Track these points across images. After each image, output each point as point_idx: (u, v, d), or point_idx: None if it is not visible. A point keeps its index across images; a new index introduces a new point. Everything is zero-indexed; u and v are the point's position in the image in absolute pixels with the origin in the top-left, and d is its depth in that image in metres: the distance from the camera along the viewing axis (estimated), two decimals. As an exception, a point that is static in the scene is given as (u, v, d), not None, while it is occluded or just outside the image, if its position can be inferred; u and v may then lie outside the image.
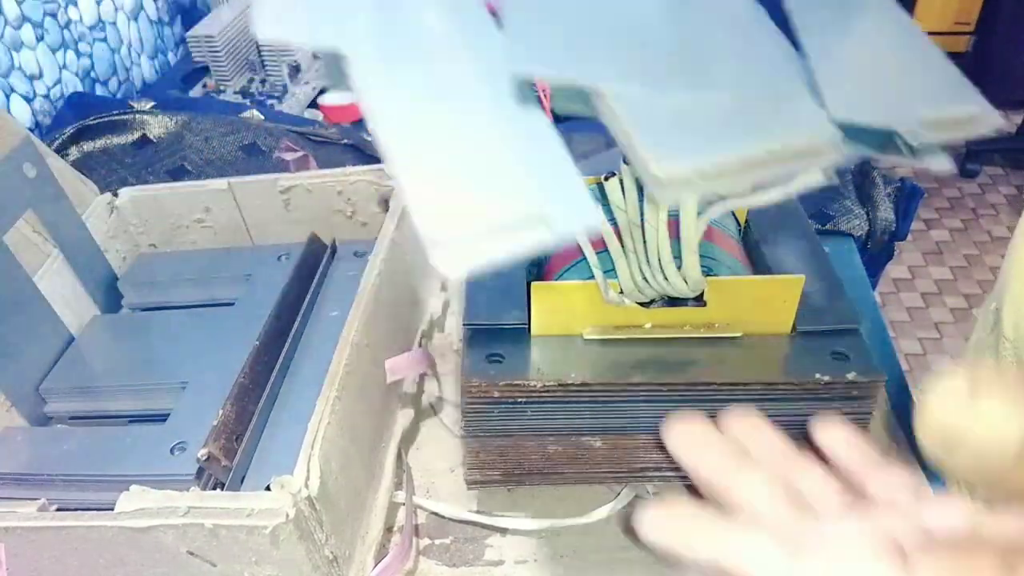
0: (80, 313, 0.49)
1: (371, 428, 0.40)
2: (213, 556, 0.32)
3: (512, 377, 0.35)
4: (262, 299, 0.46)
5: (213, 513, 0.31)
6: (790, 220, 0.43)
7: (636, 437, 0.37)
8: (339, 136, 0.71)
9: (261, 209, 0.53)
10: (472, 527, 0.41)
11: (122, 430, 0.42)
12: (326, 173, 0.52)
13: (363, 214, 0.53)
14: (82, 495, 0.37)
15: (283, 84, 0.83)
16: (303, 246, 0.50)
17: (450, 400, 0.48)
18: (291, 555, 0.32)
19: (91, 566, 0.33)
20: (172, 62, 0.98)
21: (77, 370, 0.46)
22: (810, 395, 0.35)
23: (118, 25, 0.87)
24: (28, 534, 0.32)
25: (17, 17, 0.71)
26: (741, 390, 0.35)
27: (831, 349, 0.36)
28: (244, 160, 0.70)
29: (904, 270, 1.64)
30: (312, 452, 0.33)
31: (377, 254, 0.44)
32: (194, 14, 1.01)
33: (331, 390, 0.36)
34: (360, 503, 0.38)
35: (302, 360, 0.44)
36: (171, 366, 0.44)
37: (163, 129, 0.71)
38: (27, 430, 0.43)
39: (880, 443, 0.43)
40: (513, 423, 0.36)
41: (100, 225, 0.52)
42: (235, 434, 0.38)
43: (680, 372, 0.35)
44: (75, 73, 0.80)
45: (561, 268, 0.39)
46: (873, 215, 0.60)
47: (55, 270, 0.47)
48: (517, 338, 0.37)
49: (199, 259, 0.53)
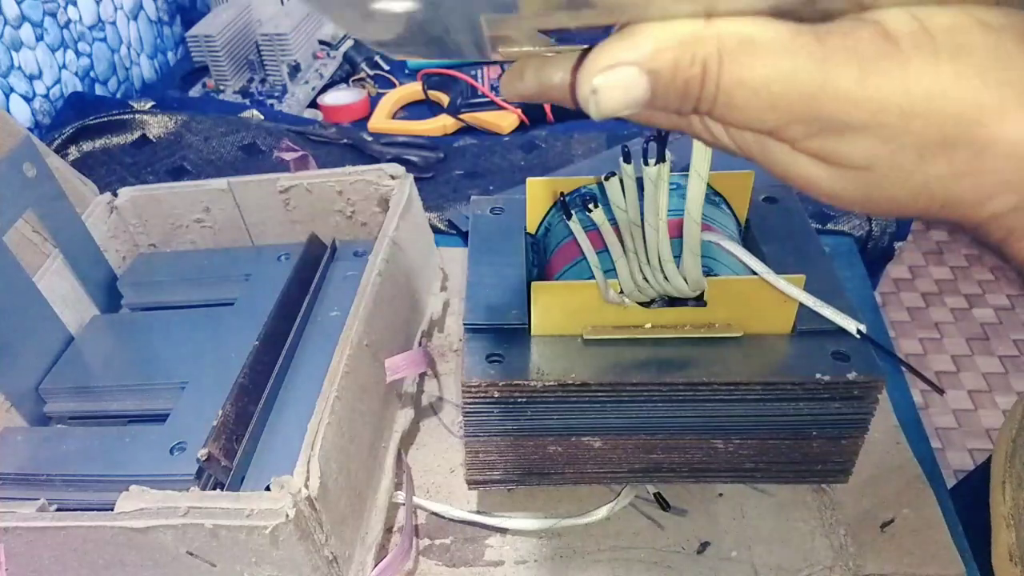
0: (80, 313, 0.49)
1: (371, 428, 0.40)
2: (213, 556, 0.32)
3: (512, 377, 0.35)
4: (262, 299, 0.46)
5: (213, 513, 0.31)
6: (790, 220, 0.43)
7: (636, 437, 0.37)
8: (339, 136, 0.71)
9: (261, 209, 0.53)
10: (472, 527, 0.41)
11: (122, 430, 0.42)
12: (326, 173, 0.52)
13: (363, 214, 0.53)
14: (82, 495, 0.37)
15: (283, 84, 0.83)
16: (303, 246, 0.50)
17: (450, 400, 0.48)
18: (291, 555, 0.32)
19: (91, 566, 0.33)
20: (172, 62, 0.98)
21: (77, 370, 0.45)
22: (810, 395, 0.35)
23: (118, 25, 0.87)
24: (28, 534, 0.32)
25: (17, 17, 0.71)
26: (741, 390, 0.35)
27: (831, 349, 0.36)
28: (244, 160, 0.70)
29: (904, 270, 1.64)
30: (312, 452, 0.33)
31: (377, 254, 0.44)
32: (194, 14, 1.01)
33: (331, 390, 0.36)
34: (360, 503, 0.38)
35: (302, 360, 0.44)
36: (171, 366, 0.44)
37: (163, 129, 0.71)
38: (27, 430, 0.43)
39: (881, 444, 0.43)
40: (513, 423, 0.36)
41: (100, 225, 0.52)
42: (235, 434, 0.38)
43: (680, 372, 0.35)
44: (75, 73, 0.80)
45: (561, 268, 0.39)
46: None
47: (55, 270, 0.47)
48: (517, 338, 0.37)
49: (199, 259, 0.53)
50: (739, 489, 0.42)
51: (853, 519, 0.40)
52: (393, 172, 0.51)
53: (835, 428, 0.36)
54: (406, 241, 0.47)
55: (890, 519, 0.40)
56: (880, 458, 0.42)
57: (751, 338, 0.37)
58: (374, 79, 0.84)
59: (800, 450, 0.37)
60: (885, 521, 0.40)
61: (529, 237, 0.43)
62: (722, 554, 0.39)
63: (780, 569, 0.38)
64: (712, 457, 0.38)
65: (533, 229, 0.44)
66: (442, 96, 0.78)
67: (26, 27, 0.72)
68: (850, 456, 0.38)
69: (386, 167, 0.51)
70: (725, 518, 0.41)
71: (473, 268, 0.40)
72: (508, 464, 0.38)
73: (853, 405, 0.35)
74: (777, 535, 0.40)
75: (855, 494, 0.41)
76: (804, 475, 0.39)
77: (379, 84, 0.84)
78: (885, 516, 0.40)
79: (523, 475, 0.39)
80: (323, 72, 0.85)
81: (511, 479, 0.39)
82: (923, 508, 0.40)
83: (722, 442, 0.37)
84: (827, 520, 0.40)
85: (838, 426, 0.36)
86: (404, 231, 0.47)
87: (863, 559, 0.38)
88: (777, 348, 0.36)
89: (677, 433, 0.37)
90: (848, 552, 0.39)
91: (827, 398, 0.35)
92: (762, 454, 0.37)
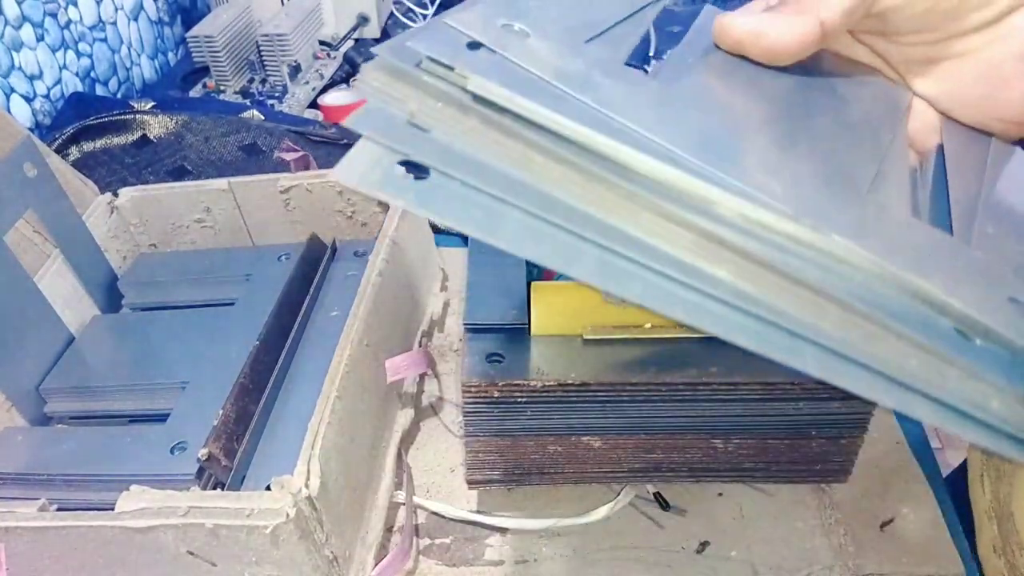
0: (80, 313, 0.49)
1: (371, 428, 0.40)
2: (213, 556, 0.32)
3: (512, 377, 0.35)
4: (262, 299, 0.46)
5: (213, 513, 0.31)
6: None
7: (636, 437, 0.37)
8: (339, 136, 0.71)
9: (261, 209, 0.53)
10: (472, 527, 0.41)
11: (122, 430, 0.42)
12: (326, 173, 0.52)
13: (363, 214, 0.53)
14: (82, 495, 0.37)
15: (283, 84, 0.83)
16: (303, 246, 0.50)
17: (450, 400, 0.48)
18: (291, 555, 0.32)
19: (91, 566, 0.33)
20: (172, 62, 0.98)
21: (77, 370, 0.46)
22: (810, 395, 0.35)
23: (118, 25, 0.87)
24: (28, 534, 0.32)
25: (17, 17, 0.71)
26: (741, 390, 0.35)
27: (831, 349, 0.36)
28: (244, 160, 0.70)
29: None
30: (312, 452, 0.33)
31: (377, 254, 0.44)
32: (194, 14, 1.01)
33: (331, 390, 0.36)
34: (360, 503, 0.38)
35: (302, 360, 0.44)
36: (171, 366, 0.44)
37: (163, 129, 0.71)
38: (27, 430, 0.43)
39: (881, 444, 0.43)
40: (513, 423, 0.36)
41: (100, 225, 0.52)
42: (235, 434, 0.38)
43: (680, 372, 0.35)
44: (75, 73, 0.80)
45: (561, 268, 0.39)
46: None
47: (55, 270, 0.47)
48: (517, 338, 0.37)
49: (199, 259, 0.53)
50: (739, 489, 0.42)
51: (853, 518, 0.40)
52: (393, 172, 0.51)
53: (835, 428, 0.36)
54: (406, 241, 0.47)
55: (890, 519, 0.40)
56: (880, 458, 0.42)
57: (751, 338, 0.37)
58: (374, 79, 0.84)
59: (800, 450, 0.37)
60: (885, 521, 0.40)
61: (529, 237, 0.43)
62: (722, 554, 0.39)
63: (780, 569, 0.38)
64: (712, 457, 0.38)
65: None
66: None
67: (27, 27, 0.72)
68: (850, 456, 0.38)
69: (386, 167, 0.51)
70: (725, 518, 0.41)
71: (473, 268, 0.40)
72: (508, 464, 0.38)
73: (853, 405, 0.35)
74: (777, 535, 0.40)
75: (855, 494, 0.41)
76: (804, 475, 0.39)
77: (379, 84, 0.84)
78: (885, 516, 0.40)
79: (523, 475, 0.39)
80: (323, 72, 0.85)
81: (511, 479, 0.39)
82: (923, 508, 0.40)
83: (722, 442, 0.37)
84: (827, 520, 0.40)
85: (838, 426, 0.36)
86: (404, 231, 0.47)
87: (863, 558, 0.38)
88: (777, 348, 0.36)
89: (677, 433, 0.37)
90: (848, 551, 0.39)
91: (827, 398, 0.35)
92: (762, 454, 0.38)
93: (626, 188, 0.19)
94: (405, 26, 0.95)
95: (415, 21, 0.96)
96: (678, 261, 0.19)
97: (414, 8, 0.96)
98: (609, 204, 0.19)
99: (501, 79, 0.19)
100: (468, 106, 0.19)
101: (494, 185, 0.18)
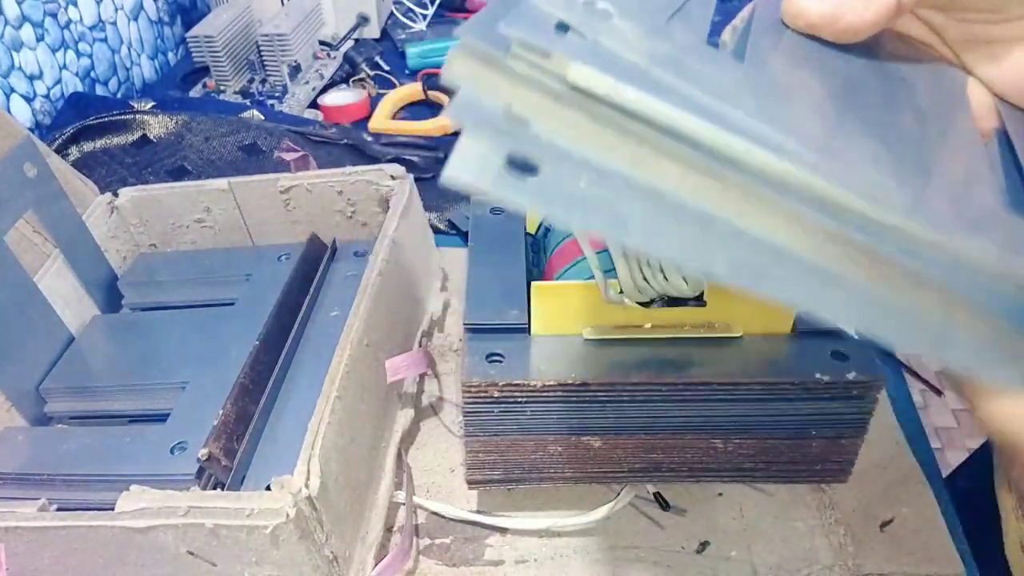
0: (80, 313, 0.49)
1: (371, 428, 0.40)
2: (213, 556, 0.32)
3: (512, 377, 0.35)
4: (262, 299, 0.46)
5: (213, 513, 0.31)
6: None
7: (636, 437, 0.37)
8: (339, 136, 0.71)
9: (261, 209, 0.53)
10: (472, 527, 0.41)
11: (122, 430, 0.42)
12: (326, 173, 0.52)
13: (363, 214, 0.53)
14: (82, 495, 0.37)
15: (283, 84, 0.83)
16: (303, 246, 0.50)
17: (450, 400, 0.48)
18: (291, 555, 0.32)
19: (91, 566, 0.33)
20: (172, 62, 0.98)
21: (77, 370, 0.46)
22: (810, 395, 0.35)
23: (118, 25, 0.87)
24: (28, 534, 0.32)
25: (17, 17, 0.71)
26: (741, 390, 0.35)
27: (831, 349, 0.36)
28: (244, 160, 0.70)
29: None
30: (312, 452, 0.33)
31: (377, 254, 0.44)
32: (194, 14, 1.01)
33: (331, 390, 0.36)
34: (360, 503, 0.38)
35: (302, 360, 0.44)
36: (171, 366, 0.44)
37: (163, 129, 0.71)
38: (27, 430, 0.43)
39: (881, 444, 0.43)
40: (513, 423, 0.36)
41: (100, 225, 0.52)
42: (235, 434, 0.38)
43: (680, 372, 0.35)
44: (75, 73, 0.80)
45: (561, 268, 0.39)
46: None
47: (55, 270, 0.47)
48: (517, 338, 0.37)
49: (199, 259, 0.53)
50: (738, 489, 0.42)
51: (852, 518, 0.40)
52: (393, 172, 0.51)
53: (834, 428, 0.36)
54: (406, 241, 0.47)
55: (890, 519, 0.40)
56: (880, 458, 0.43)
57: (751, 338, 0.37)
58: (374, 79, 0.84)
59: (799, 450, 0.37)
60: (885, 521, 0.40)
61: (529, 237, 0.43)
62: (722, 554, 0.39)
63: (779, 569, 0.38)
64: (712, 457, 0.38)
65: (533, 229, 0.44)
66: (442, 96, 0.78)
67: (27, 27, 0.72)
68: (849, 456, 0.38)
69: (386, 167, 0.51)
70: (725, 518, 0.41)
71: (473, 268, 0.40)
72: (508, 464, 0.38)
73: (852, 405, 0.35)
74: (777, 534, 0.40)
75: (855, 494, 0.41)
76: (803, 475, 0.39)
77: (379, 84, 0.84)
78: (885, 516, 0.40)
79: (523, 475, 0.39)
80: (323, 72, 0.85)
81: (511, 479, 0.39)
82: (923, 508, 0.40)
83: (722, 442, 0.37)
84: (827, 519, 0.40)
85: (837, 426, 0.36)
86: (404, 231, 0.47)
87: (862, 558, 0.38)
88: (777, 348, 0.36)
89: (677, 433, 0.37)
90: (847, 551, 0.39)
91: (826, 398, 0.35)
92: (761, 454, 0.38)
93: (758, 191, 0.18)
94: (405, 26, 0.95)
95: (415, 21, 0.96)
96: (813, 264, 0.18)
97: (414, 8, 0.96)
98: (734, 205, 0.18)
99: (602, 67, 0.17)
100: (563, 94, 0.18)
101: (610, 183, 0.17)
